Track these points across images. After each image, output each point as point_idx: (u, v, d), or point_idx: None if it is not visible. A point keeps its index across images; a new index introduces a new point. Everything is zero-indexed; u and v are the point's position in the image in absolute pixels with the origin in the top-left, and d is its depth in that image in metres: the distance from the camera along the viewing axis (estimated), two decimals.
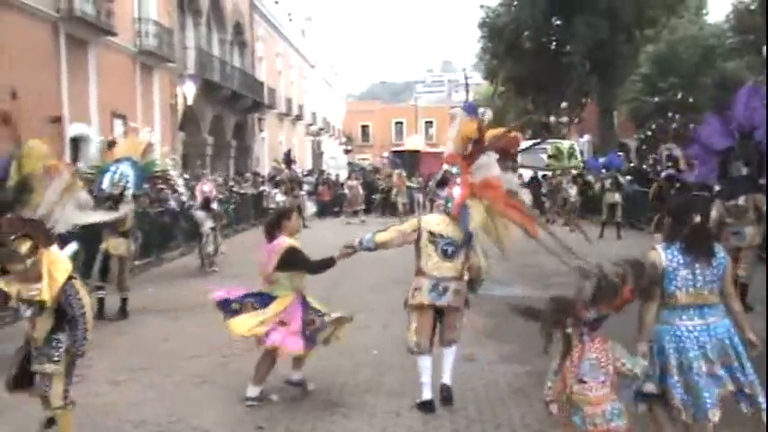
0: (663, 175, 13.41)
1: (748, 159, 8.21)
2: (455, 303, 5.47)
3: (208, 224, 13.17)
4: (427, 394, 5.45)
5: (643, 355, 3.87)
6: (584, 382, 3.51)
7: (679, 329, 3.95)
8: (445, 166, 5.80)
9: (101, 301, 9.09)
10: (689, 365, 3.89)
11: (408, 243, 5.53)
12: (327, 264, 5.66)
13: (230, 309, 5.69)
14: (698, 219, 4.00)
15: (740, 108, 8.13)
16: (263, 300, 5.66)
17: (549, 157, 21.86)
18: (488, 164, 5.35)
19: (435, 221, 5.52)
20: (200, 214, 13.40)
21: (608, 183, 17.59)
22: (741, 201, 8.29)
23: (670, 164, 13.04)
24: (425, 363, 5.48)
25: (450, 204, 5.50)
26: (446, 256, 5.37)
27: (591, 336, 3.57)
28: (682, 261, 3.96)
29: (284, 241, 5.63)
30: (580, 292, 3.54)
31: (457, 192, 5.50)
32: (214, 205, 13.86)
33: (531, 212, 5.54)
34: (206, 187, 14.28)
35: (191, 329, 8.49)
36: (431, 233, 5.42)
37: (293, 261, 5.58)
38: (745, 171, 8.25)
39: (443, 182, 6.88)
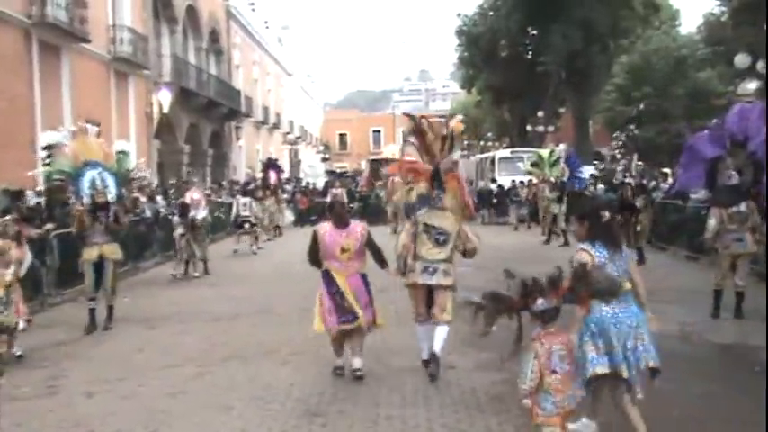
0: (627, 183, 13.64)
1: (741, 168, 8.40)
2: (444, 282, 6.36)
3: (178, 231, 13.33)
4: (424, 355, 6.51)
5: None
6: (557, 373, 3.86)
7: (604, 315, 4.38)
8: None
9: (93, 312, 8.98)
10: (611, 343, 4.36)
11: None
12: (383, 261, 6.59)
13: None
14: (607, 216, 4.53)
15: (734, 119, 8.32)
16: (368, 286, 6.47)
17: (532, 165, 21.73)
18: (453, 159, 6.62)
19: (430, 215, 6.44)
20: (174, 220, 13.63)
21: (553, 194, 17.85)
22: (743, 207, 8.47)
23: (629, 173, 13.38)
24: (421, 329, 6.54)
25: (440, 200, 6.42)
26: (438, 243, 6.36)
27: (546, 329, 3.87)
28: (606, 256, 4.45)
29: (362, 224, 6.65)
30: (509, 288, 3.93)
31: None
32: (201, 214, 13.77)
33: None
34: (196, 195, 14.18)
35: (166, 339, 8.43)
36: (426, 225, 6.39)
37: (372, 241, 6.53)
38: (737, 179, 8.43)
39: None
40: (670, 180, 18.36)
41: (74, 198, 9.82)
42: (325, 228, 6.41)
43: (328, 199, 24.17)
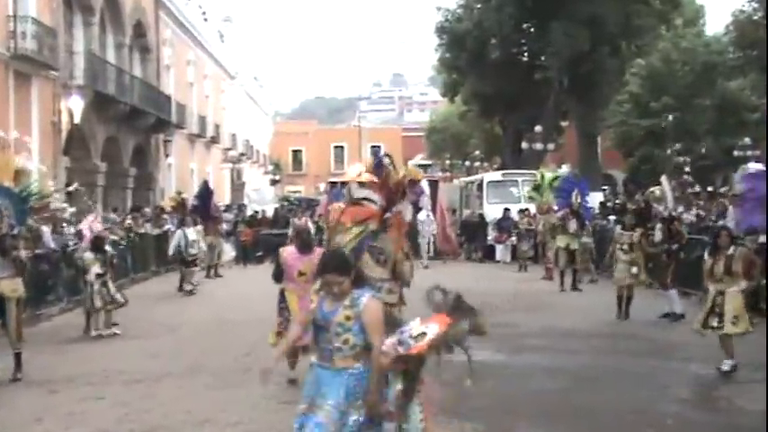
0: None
1: None
2: (388, 300, 7.73)
3: (94, 269, 12.83)
4: None
5: None
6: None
7: None
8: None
9: None
10: None
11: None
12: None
13: None
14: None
15: None
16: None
17: (534, 188, 21.53)
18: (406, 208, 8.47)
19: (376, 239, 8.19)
20: (88, 256, 13.07)
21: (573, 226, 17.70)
22: None
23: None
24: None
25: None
26: (378, 262, 8.14)
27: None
28: None
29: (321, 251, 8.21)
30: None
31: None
32: (109, 246, 13.55)
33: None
34: (93, 227, 13.91)
35: (72, 406, 8.29)
36: (370, 246, 8.04)
37: None
38: None
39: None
40: (695, 211, 18.62)
41: None
42: (289, 250, 8.44)
43: (289, 231, 23.88)
